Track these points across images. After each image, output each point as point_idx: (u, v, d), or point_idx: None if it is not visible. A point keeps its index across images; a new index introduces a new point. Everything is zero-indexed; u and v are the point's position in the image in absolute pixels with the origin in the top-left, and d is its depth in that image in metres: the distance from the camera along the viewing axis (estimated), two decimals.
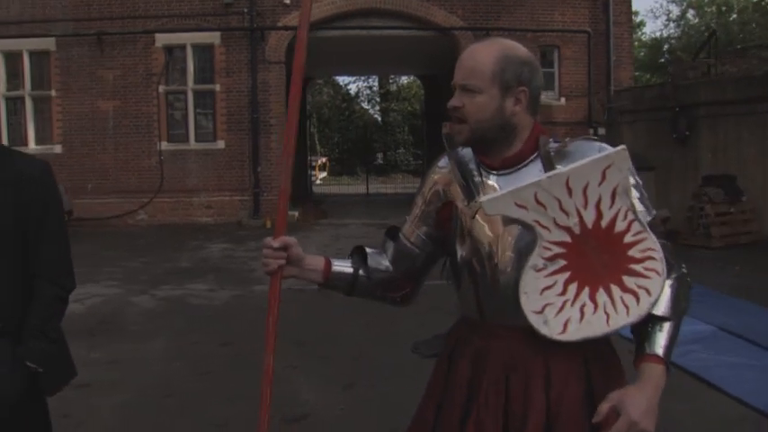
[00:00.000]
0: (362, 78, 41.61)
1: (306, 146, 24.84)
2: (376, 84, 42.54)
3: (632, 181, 1.73)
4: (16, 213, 2.47)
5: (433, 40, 16.76)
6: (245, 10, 15.79)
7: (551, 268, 1.70)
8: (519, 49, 1.83)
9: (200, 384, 5.37)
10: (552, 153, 1.79)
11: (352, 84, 43.37)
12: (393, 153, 41.73)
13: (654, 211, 1.80)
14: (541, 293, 1.70)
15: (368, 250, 2.08)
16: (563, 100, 16.42)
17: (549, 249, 1.70)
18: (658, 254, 1.68)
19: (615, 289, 1.69)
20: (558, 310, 1.70)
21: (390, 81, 41.47)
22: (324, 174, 37.45)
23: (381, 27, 16.02)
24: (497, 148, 1.84)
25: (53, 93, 16.55)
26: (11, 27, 16.30)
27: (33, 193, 2.51)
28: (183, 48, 16.16)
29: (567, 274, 1.70)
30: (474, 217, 1.84)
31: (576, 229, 1.69)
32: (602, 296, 1.69)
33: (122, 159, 16.40)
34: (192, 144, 16.47)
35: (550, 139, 1.83)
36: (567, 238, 1.69)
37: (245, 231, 14.89)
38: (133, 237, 14.45)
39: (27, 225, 2.49)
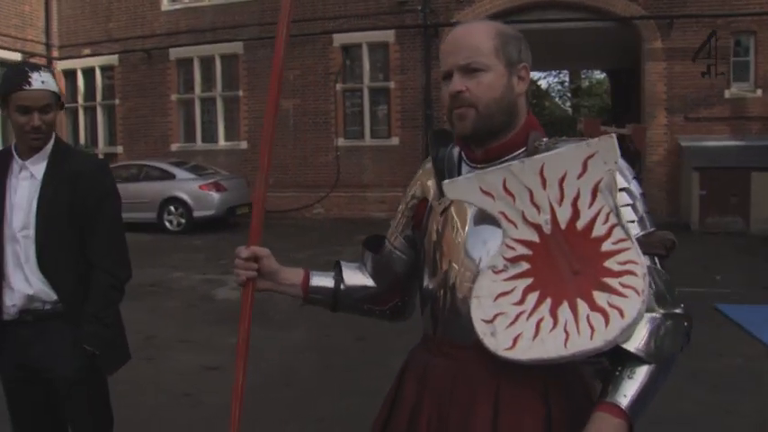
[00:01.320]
0: (554, 74, 40.66)
1: None
2: (567, 79, 41.43)
3: (624, 184, 1.51)
4: (72, 208, 2.64)
5: (613, 31, 15.92)
6: (419, 7, 15.85)
7: (512, 271, 1.45)
8: (508, 27, 1.66)
9: (320, 377, 5.43)
10: (540, 149, 1.55)
11: (542, 79, 42.55)
12: None
13: (653, 228, 1.54)
14: (495, 300, 1.45)
15: (343, 264, 1.92)
16: (759, 92, 14.82)
17: (513, 249, 1.45)
18: (641, 269, 1.38)
19: (582, 305, 1.39)
20: (511, 322, 1.43)
21: (582, 76, 40.25)
22: None
23: (558, 20, 15.46)
24: (494, 139, 1.62)
25: (241, 93, 17.60)
26: (206, 34, 17.51)
27: (87, 189, 2.66)
28: (359, 47, 16.53)
29: (528, 281, 1.43)
30: (442, 213, 1.66)
31: (547, 228, 1.43)
32: (564, 311, 1.40)
33: (301, 155, 17.04)
34: (368, 140, 16.80)
35: (544, 139, 1.59)
36: (535, 238, 1.44)
37: None
38: (307, 230, 14.97)
39: (83, 219, 2.64)
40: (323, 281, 1.86)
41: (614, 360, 1.43)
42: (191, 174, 15.21)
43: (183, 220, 14.82)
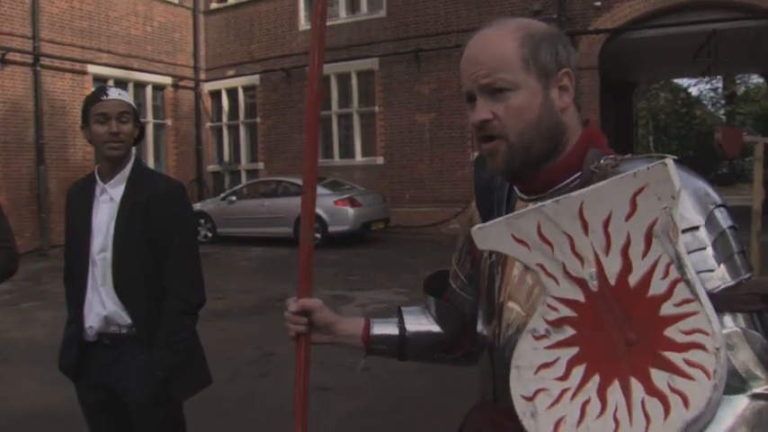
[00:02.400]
0: (705, 80, 38.60)
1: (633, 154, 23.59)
2: (720, 85, 39.22)
3: (696, 221, 1.16)
4: (147, 232, 2.63)
5: (764, 30, 14.78)
6: (555, 16, 15.34)
7: (555, 338, 1.15)
8: (538, 23, 1.34)
9: (431, 400, 5.24)
10: (597, 173, 1.23)
11: (693, 87, 40.50)
12: (740, 161, 38.04)
13: (745, 275, 1.17)
14: (537, 372, 1.16)
15: (404, 310, 1.70)
16: None
17: (556, 310, 1.15)
18: (712, 342, 1.02)
19: (636, 386, 1.07)
20: (553, 402, 1.13)
21: (737, 81, 37.98)
22: None
23: (700, 21, 14.52)
24: (537, 168, 1.32)
25: (377, 108, 17.71)
26: (342, 51, 17.76)
27: (160, 213, 2.66)
28: None
29: (573, 351, 1.13)
30: (491, 254, 1.40)
31: (593, 284, 1.11)
32: (615, 393, 1.08)
33: (437, 170, 16.93)
34: None
35: (610, 157, 1.25)
36: (580, 297, 1.12)
37: None
38: (441, 246, 14.77)
39: (157, 243, 2.62)
40: (386, 329, 1.66)
41: None
42: (326, 189, 15.40)
43: (318, 236, 15.01)
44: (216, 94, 20.74)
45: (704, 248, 1.15)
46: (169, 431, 2.73)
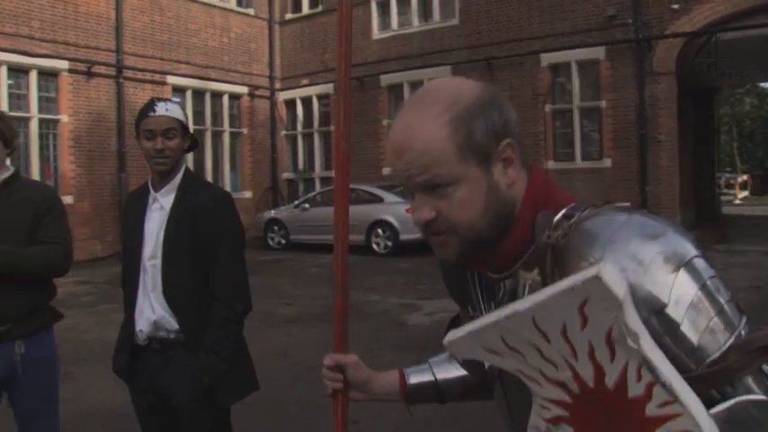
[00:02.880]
0: None
1: (713, 161, 22.94)
2: None
3: (662, 299, 1.01)
4: (194, 240, 2.69)
5: None
6: (630, 21, 15.05)
7: None
8: (465, 91, 1.17)
9: (490, 414, 5.18)
10: (552, 246, 1.10)
11: None
12: None
13: (727, 335, 1.03)
14: None
15: (431, 361, 1.64)
16: None
17: (548, 409, 1.10)
18: None
19: None
20: None
21: None
22: (745, 193, 34.24)
23: None
24: (493, 250, 1.20)
25: None
26: (415, 60, 17.85)
27: (206, 222, 2.73)
28: (567, 66, 16.00)
29: None
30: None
31: (574, 387, 1.04)
32: None
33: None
34: (579, 162, 16.18)
35: (558, 217, 1.12)
36: (566, 397, 1.07)
37: None
38: None
39: (204, 251, 2.68)
40: (421, 377, 1.61)
41: None
42: (399, 197, 15.46)
43: (389, 243, 15.09)
44: (291, 103, 21.09)
45: (677, 328, 1.02)
46: None
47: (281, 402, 5.38)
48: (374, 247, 15.28)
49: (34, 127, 14.79)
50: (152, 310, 2.72)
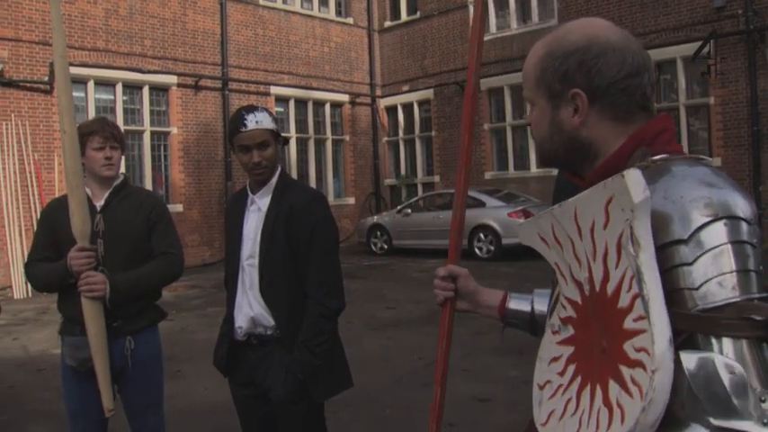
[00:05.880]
0: None
1: None
2: None
3: (680, 234, 1.08)
4: (289, 240, 2.77)
5: None
6: (740, 11, 14.38)
7: (563, 335, 1.20)
8: (569, 35, 1.29)
9: None
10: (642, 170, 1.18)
11: None
12: None
13: (738, 295, 1.06)
14: (549, 364, 1.22)
15: (536, 291, 1.73)
16: None
17: (565, 308, 1.20)
18: (650, 362, 1.00)
19: (599, 393, 1.09)
20: (552, 394, 1.20)
21: None
22: None
23: None
24: (589, 165, 1.32)
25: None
26: (515, 62, 17.68)
27: (300, 222, 2.80)
28: (672, 62, 15.47)
29: (571, 349, 1.17)
30: None
31: (586, 288, 1.13)
32: (585, 396, 1.11)
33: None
34: None
35: (659, 156, 1.20)
36: (578, 298, 1.16)
37: None
38: None
39: (299, 250, 2.76)
40: (520, 305, 1.74)
41: None
42: (500, 201, 15.36)
43: (492, 247, 14.99)
44: (392, 110, 21.29)
45: (689, 264, 1.08)
46: (310, 429, 2.86)
47: (377, 404, 5.45)
48: (476, 251, 15.21)
49: (147, 139, 15.50)
50: (250, 308, 2.82)
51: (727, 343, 1.05)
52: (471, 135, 1.84)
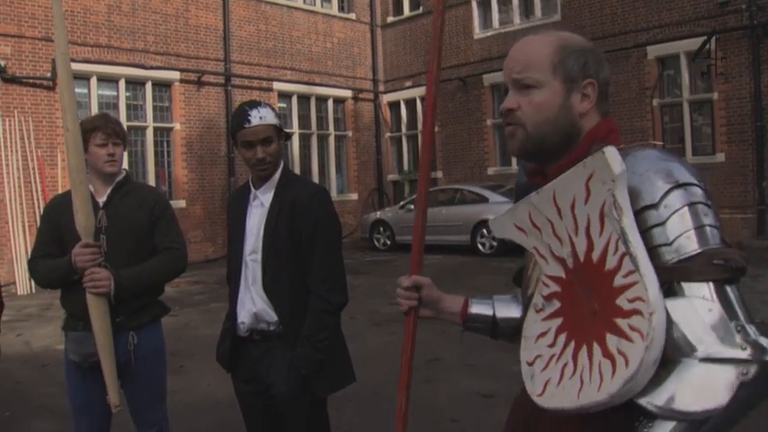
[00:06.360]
0: None
1: None
2: None
3: (651, 199, 1.29)
4: (292, 235, 2.78)
5: None
6: (744, 6, 14.30)
7: (548, 311, 1.34)
8: (576, 37, 1.53)
9: None
10: None
11: None
12: None
13: (702, 247, 1.27)
14: (536, 341, 1.36)
15: (496, 297, 1.89)
16: None
17: (548, 286, 1.35)
18: (647, 307, 1.16)
19: (597, 349, 1.23)
20: (545, 366, 1.32)
21: None
22: None
23: None
24: (556, 161, 1.48)
25: None
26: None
27: (302, 217, 2.80)
28: (675, 57, 15.45)
29: (559, 321, 1.31)
30: None
31: (570, 262, 1.29)
32: (583, 356, 1.25)
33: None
34: (690, 158, 15.52)
35: (614, 147, 1.34)
36: (562, 273, 1.31)
37: (746, 253, 13.53)
38: None
39: (301, 245, 2.76)
40: (482, 309, 1.85)
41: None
42: (504, 197, 15.35)
43: (494, 243, 14.99)
44: (394, 105, 21.29)
45: (661, 224, 1.28)
46: (314, 424, 2.87)
47: (380, 399, 5.45)
48: (479, 247, 15.22)
49: (150, 135, 15.52)
50: (252, 303, 2.83)
51: (701, 287, 1.24)
52: (432, 144, 1.87)
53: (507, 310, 1.84)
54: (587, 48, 1.49)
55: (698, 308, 1.22)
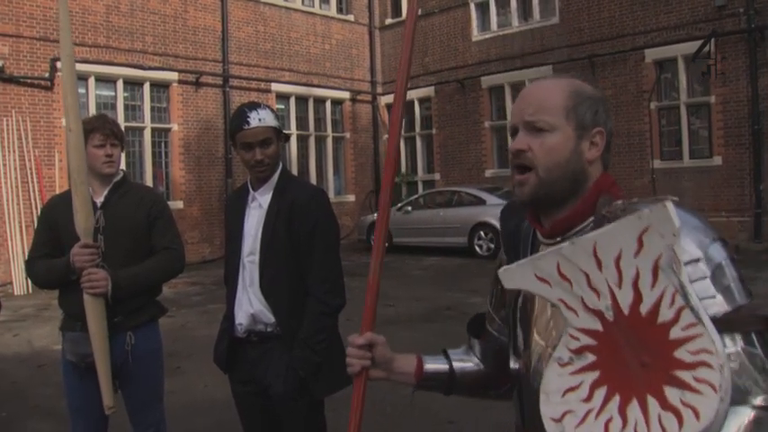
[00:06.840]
0: None
1: None
2: None
3: (695, 254, 1.30)
4: (290, 236, 2.77)
5: None
6: (741, 10, 14.32)
7: (578, 364, 1.27)
8: (588, 85, 1.50)
9: None
10: (608, 217, 1.34)
11: None
12: None
13: (747, 300, 1.32)
14: (563, 395, 1.28)
15: (450, 351, 1.83)
16: None
17: (577, 339, 1.28)
18: (716, 359, 1.14)
19: (653, 403, 1.19)
20: (580, 421, 1.25)
21: None
22: None
23: None
24: (560, 209, 1.47)
25: None
26: (516, 60, 17.76)
27: (300, 218, 2.80)
28: (673, 61, 15.47)
29: (595, 374, 1.25)
30: (519, 295, 1.55)
31: (609, 315, 1.24)
32: (634, 410, 1.20)
33: (615, 178, 16.31)
34: (686, 161, 15.61)
35: (618, 202, 1.35)
36: (598, 326, 1.25)
37: (742, 256, 13.56)
38: None
39: (300, 247, 2.76)
40: (436, 365, 1.79)
41: None
42: (502, 199, 15.34)
43: (492, 245, 14.99)
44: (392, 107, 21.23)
45: (705, 278, 1.29)
46: (311, 426, 2.87)
47: (377, 401, 5.45)
48: (477, 249, 15.22)
49: (147, 136, 15.52)
50: (250, 305, 2.83)
51: (738, 338, 1.29)
52: (397, 152, 1.80)
53: (463, 362, 1.81)
54: (599, 97, 1.48)
55: (749, 358, 1.28)
